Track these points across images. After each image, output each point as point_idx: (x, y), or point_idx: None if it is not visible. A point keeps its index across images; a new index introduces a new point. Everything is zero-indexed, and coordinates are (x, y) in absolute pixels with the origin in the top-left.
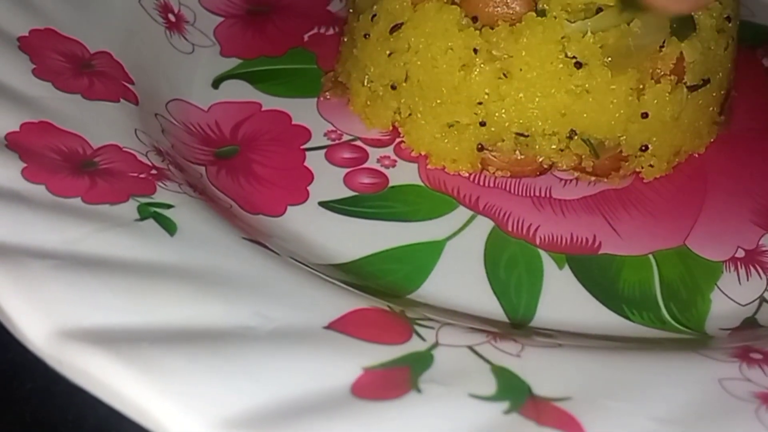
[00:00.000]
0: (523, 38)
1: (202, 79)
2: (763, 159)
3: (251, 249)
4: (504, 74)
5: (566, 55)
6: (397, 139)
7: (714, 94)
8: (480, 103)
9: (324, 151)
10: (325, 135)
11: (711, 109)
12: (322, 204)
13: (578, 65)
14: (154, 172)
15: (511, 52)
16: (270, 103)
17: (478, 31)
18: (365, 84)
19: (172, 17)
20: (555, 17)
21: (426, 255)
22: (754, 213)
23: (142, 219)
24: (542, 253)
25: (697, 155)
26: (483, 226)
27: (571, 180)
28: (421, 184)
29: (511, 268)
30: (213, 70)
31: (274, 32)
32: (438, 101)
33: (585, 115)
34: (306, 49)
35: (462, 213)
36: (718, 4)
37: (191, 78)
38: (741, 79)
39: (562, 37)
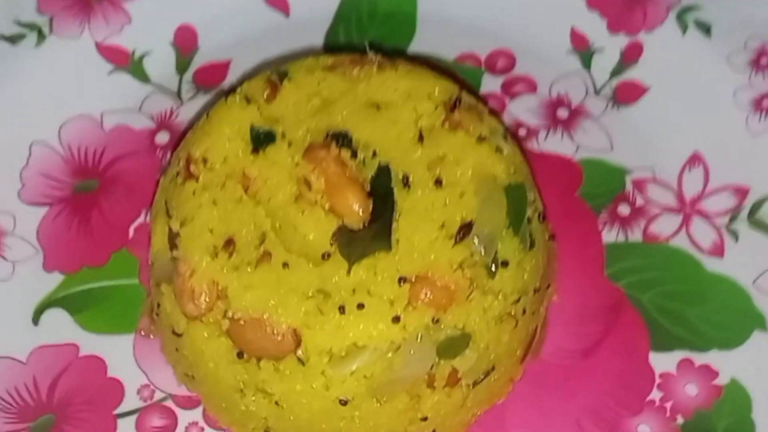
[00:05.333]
0: (287, 380)
1: (23, 315)
2: (568, 397)
3: None
4: (277, 403)
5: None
6: None
7: (504, 370)
8: (264, 418)
9: (135, 417)
10: (138, 392)
11: (504, 379)
12: None
13: (343, 402)
14: None
15: (278, 390)
16: (87, 344)
17: (244, 367)
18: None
19: None
20: (314, 365)
21: None
22: None
23: None
24: None
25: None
26: None
27: None
28: None
29: None
30: (34, 295)
31: (99, 224)
32: (224, 405)
33: None
34: (129, 252)
35: None
36: (495, 301)
37: (11, 318)
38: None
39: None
